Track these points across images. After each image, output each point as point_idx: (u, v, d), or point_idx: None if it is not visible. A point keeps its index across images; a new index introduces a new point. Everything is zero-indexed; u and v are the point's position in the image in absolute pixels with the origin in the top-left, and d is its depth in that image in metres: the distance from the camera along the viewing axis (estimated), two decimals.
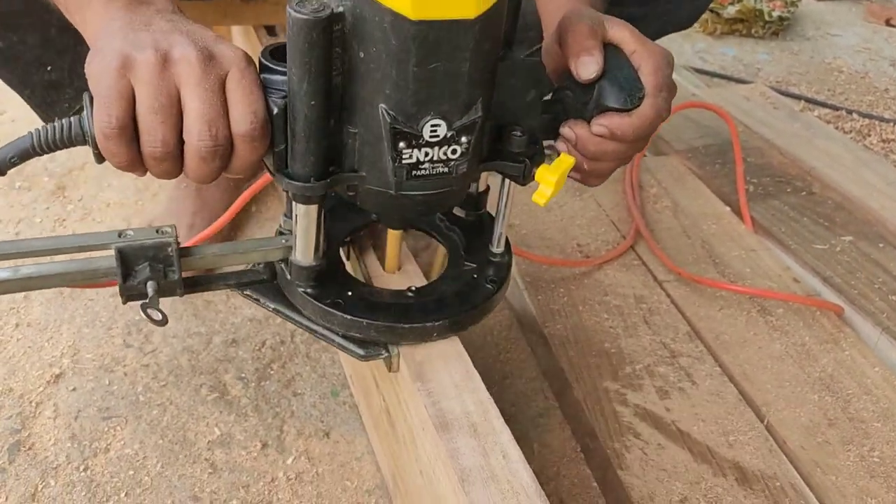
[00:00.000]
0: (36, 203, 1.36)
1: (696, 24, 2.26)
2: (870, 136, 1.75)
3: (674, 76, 1.88)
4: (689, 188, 1.37)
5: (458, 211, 0.86)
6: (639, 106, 0.66)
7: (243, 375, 1.04)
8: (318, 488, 0.90)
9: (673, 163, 1.45)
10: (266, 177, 0.87)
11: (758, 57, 2.16)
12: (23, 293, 1.15)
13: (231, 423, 0.97)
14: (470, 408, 0.69)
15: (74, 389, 1.01)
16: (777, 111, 1.64)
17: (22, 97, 1.07)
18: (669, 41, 1.77)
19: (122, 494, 0.88)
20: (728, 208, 1.32)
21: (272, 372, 1.05)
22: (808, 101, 1.89)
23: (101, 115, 0.57)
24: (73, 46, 1.00)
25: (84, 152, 1.49)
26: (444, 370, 0.73)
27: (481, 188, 0.85)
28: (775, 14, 2.24)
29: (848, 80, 2.05)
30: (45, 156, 1.47)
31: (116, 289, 1.13)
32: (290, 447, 0.95)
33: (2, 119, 1.62)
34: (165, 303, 1.13)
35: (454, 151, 0.64)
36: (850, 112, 1.85)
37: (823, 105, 1.87)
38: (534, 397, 1.03)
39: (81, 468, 0.91)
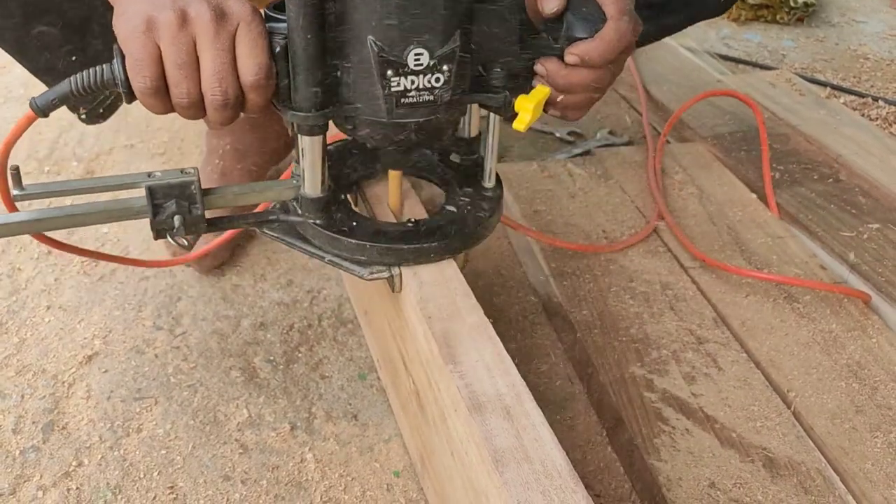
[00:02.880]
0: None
1: None
2: None
3: (698, 62, 1.86)
4: (714, 175, 1.37)
5: (453, 157, 0.93)
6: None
7: (272, 358, 1.05)
8: (346, 469, 0.91)
9: (698, 149, 1.45)
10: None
11: (783, 43, 2.14)
12: (54, 277, 1.17)
13: (260, 405, 0.98)
14: (502, 390, 0.70)
15: (106, 371, 1.02)
16: (803, 98, 1.63)
17: (46, 86, 1.08)
18: (693, 27, 1.76)
19: (155, 474, 0.90)
20: (754, 195, 1.31)
21: (300, 355, 1.06)
22: (834, 87, 1.87)
23: (137, 77, 0.66)
24: (84, 35, 1.01)
25: (112, 138, 1.51)
26: (476, 352, 0.73)
27: (473, 133, 0.91)
28: (800, 0, 2.22)
29: (874, 68, 2.03)
30: (74, 141, 1.49)
31: (144, 271, 1.14)
32: (318, 429, 0.96)
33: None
34: (195, 288, 1.15)
35: (437, 80, 0.71)
36: (875, 99, 1.83)
37: (849, 92, 1.86)
38: (559, 382, 1.03)
39: (114, 448, 0.93)
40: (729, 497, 0.84)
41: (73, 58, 1.02)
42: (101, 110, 1.11)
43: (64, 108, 1.10)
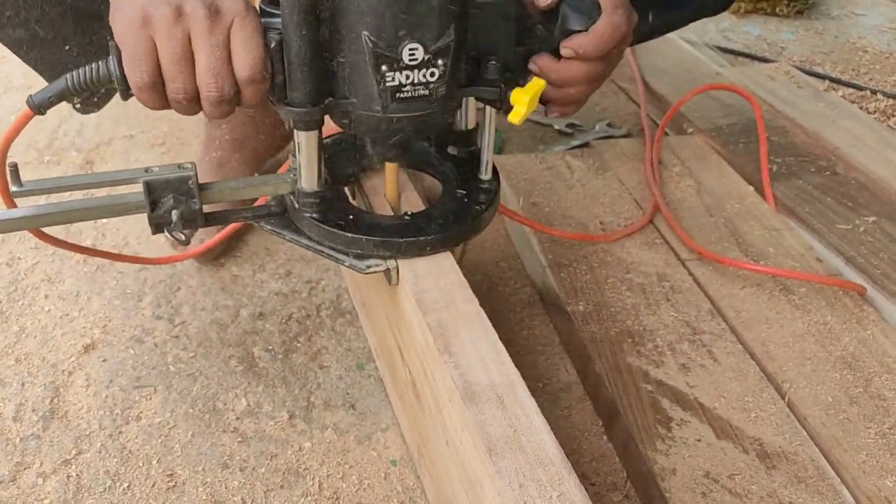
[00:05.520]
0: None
1: None
2: (894, 116, 1.74)
3: (697, 54, 1.86)
4: (712, 167, 1.38)
5: (451, 149, 0.93)
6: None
7: (270, 348, 1.06)
8: (344, 458, 0.92)
9: (696, 142, 1.45)
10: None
11: (782, 36, 2.15)
12: (53, 266, 1.17)
13: (259, 394, 0.99)
14: (496, 379, 0.70)
15: (106, 360, 1.03)
16: (801, 90, 1.63)
17: (41, 76, 1.09)
18: None
19: (154, 461, 0.90)
20: (751, 188, 1.32)
21: (299, 345, 1.06)
22: (833, 80, 1.87)
23: (134, 72, 0.66)
24: (91, 23, 1.01)
25: (111, 128, 1.51)
26: (471, 343, 0.74)
27: (470, 125, 0.91)
28: None
29: (873, 60, 2.03)
30: (73, 132, 1.49)
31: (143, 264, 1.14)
32: (317, 418, 0.96)
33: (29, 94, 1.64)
34: (195, 278, 1.16)
35: (433, 74, 0.72)
36: (874, 92, 1.83)
37: (848, 85, 1.86)
38: (555, 372, 1.04)
39: (114, 436, 0.93)
40: (723, 487, 0.85)
41: (67, 47, 1.03)
42: (96, 99, 1.11)
43: None
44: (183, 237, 0.79)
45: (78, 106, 1.11)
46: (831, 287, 1.11)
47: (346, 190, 0.92)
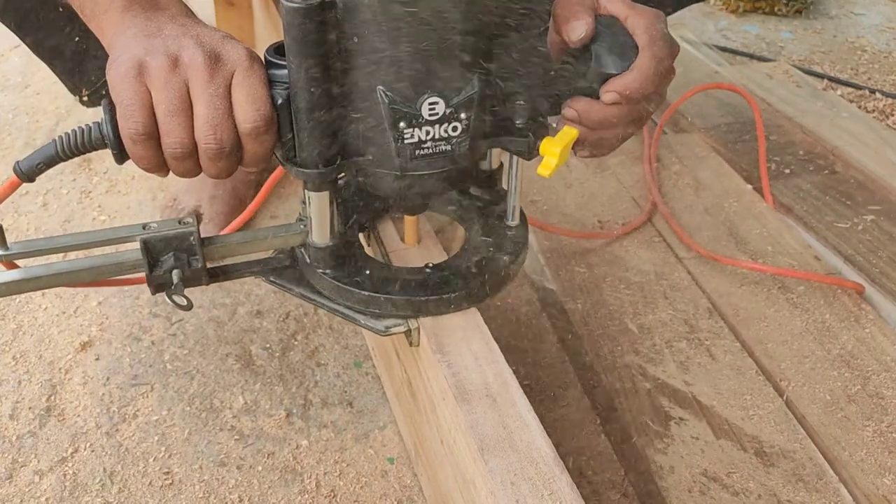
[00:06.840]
0: (62, 175, 1.38)
1: (719, 2, 2.24)
2: (893, 115, 1.74)
3: (696, 53, 1.86)
4: (710, 166, 1.37)
5: (473, 189, 0.87)
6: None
7: (268, 346, 1.05)
8: (341, 456, 0.92)
9: (695, 140, 1.45)
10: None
11: (781, 35, 2.14)
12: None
13: (256, 392, 0.99)
14: (489, 379, 0.70)
15: (103, 357, 1.02)
16: (800, 90, 1.64)
17: (50, 67, 1.08)
18: (691, 18, 1.76)
19: (151, 459, 0.90)
20: (750, 186, 1.32)
21: (296, 343, 1.06)
22: (831, 79, 1.87)
23: (128, 124, 0.61)
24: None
25: None
26: (464, 343, 0.74)
27: (494, 165, 0.86)
28: None
29: (871, 60, 2.03)
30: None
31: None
32: (314, 416, 0.96)
33: (27, 92, 1.64)
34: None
35: (455, 129, 0.66)
36: (872, 91, 1.83)
37: (846, 84, 1.86)
38: (554, 370, 1.04)
39: (111, 434, 0.93)
40: (721, 485, 0.85)
41: (77, 38, 1.02)
42: (104, 92, 1.10)
43: (62, 91, 1.09)
44: (185, 301, 0.72)
45: (85, 98, 1.10)
46: (830, 285, 1.11)
47: (361, 236, 0.86)
